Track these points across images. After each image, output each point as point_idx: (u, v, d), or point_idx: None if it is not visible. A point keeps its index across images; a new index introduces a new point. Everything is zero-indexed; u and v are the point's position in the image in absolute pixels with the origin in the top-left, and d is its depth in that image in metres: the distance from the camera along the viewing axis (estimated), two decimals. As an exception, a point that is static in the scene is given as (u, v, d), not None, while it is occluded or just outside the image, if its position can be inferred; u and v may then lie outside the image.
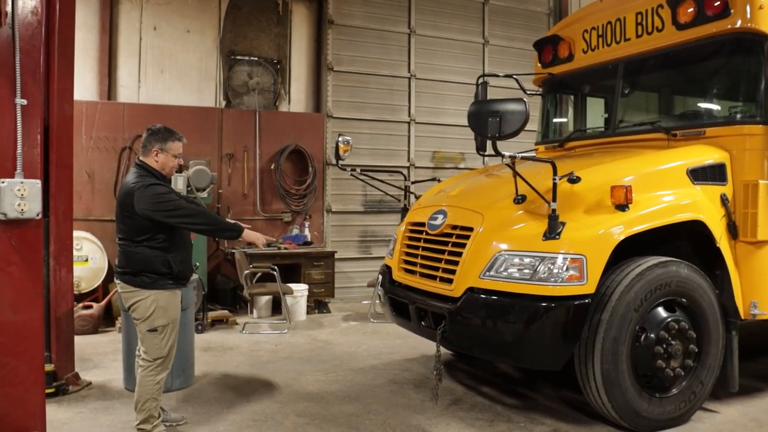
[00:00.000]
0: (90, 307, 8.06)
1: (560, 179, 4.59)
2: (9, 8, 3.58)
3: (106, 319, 8.26)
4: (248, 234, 4.61)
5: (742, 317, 5.05)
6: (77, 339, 6.11)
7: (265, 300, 9.13)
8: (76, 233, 6.82)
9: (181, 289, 4.66)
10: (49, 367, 5.31)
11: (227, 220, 4.72)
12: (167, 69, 9.82)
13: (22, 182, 3.61)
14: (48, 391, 4.99)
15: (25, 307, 3.71)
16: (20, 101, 3.63)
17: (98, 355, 6.85)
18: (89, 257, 8.40)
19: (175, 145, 4.55)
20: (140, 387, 4.47)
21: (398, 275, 5.69)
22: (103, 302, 8.27)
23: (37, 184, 3.69)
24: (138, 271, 4.41)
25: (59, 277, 5.61)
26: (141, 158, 4.54)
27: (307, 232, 10.10)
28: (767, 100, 5.09)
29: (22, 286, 3.70)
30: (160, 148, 4.49)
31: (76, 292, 7.59)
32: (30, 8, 3.67)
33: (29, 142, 3.69)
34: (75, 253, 6.72)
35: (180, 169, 8.68)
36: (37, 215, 3.70)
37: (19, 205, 3.59)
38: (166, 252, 4.43)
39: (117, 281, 4.60)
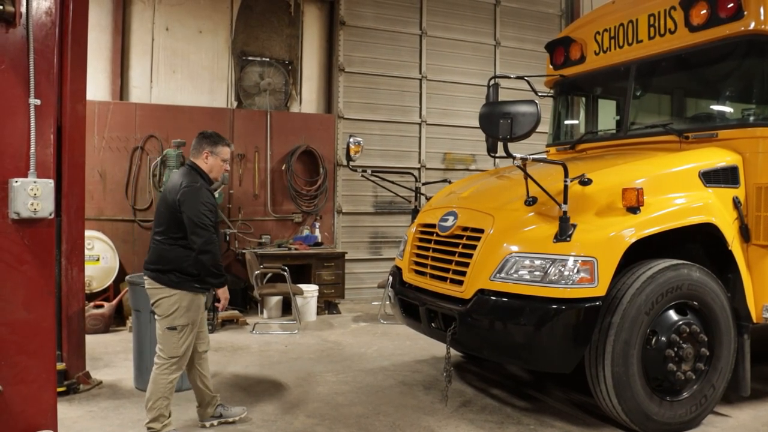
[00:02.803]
0: (101, 306, 8.11)
1: (571, 181, 4.58)
2: (23, 9, 3.60)
3: (117, 319, 8.31)
4: (224, 291, 4.72)
5: (754, 321, 5.03)
6: (88, 338, 6.14)
7: (275, 300, 9.15)
8: (87, 233, 6.85)
9: (205, 294, 4.73)
10: (60, 366, 5.33)
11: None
12: (179, 69, 9.86)
13: (35, 182, 3.63)
14: (59, 389, 5.01)
15: (37, 305, 3.73)
16: (34, 101, 3.65)
17: (109, 354, 6.88)
18: (100, 257, 8.45)
19: (224, 149, 4.75)
20: (153, 385, 4.52)
21: (408, 276, 5.69)
22: (114, 301, 8.31)
23: (50, 183, 3.70)
24: (167, 270, 4.51)
25: (71, 276, 5.64)
26: (191, 159, 4.72)
27: (317, 232, 10.11)
28: (781, 103, 5.07)
29: (35, 285, 3.71)
30: (210, 150, 4.69)
31: (87, 292, 7.63)
32: (44, 9, 3.69)
33: (42, 142, 3.71)
34: (86, 252, 6.75)
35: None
36: (50, 215, 3.72)
37: (32, 204, 3.61)
38: None
39: (144, 277, 4.69)
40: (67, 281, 5.60)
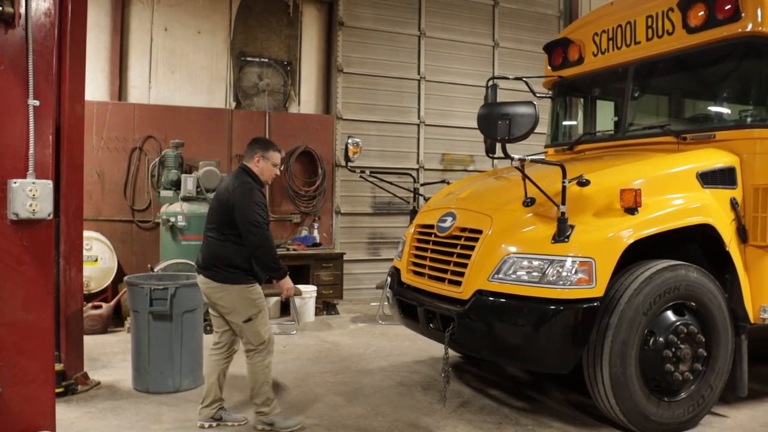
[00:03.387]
0: (99, 307, 8.10)
1: (569, 182, 4.59)
2: (23, 10, 3.60)
3: (115, 319, 8.29)
4: (286, 281, 4.86)
5: (752, 321, 5.04)
6: (86, 339, 6.13)
7: (273, 301, 9.14)
8: (85, 233, 6.85)
9: (261, 284, 4.89)
10: (58, 367, 5.33)
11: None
12: (178, 70, 9.86)
13: (33, 182, 3.63)
14: (57, 390, 5.01)
15: (36, 306, 3.72)
16: (33, 102, 3.65)
17: (107, 355, 6.88)
18: (99, 257, 8.44)
19: (275, 154, 4.95)
20: (252, 375, 4.78)
21: (407, 277, 5.70)
22: (113, 302, 8.30)
23: (49, 184, 3.70)
24: (220, 266, 4.69)
25: (69, 276, 5.64)
26: (244, 162, 4.91)
27: (316, 233, 10.10)
28: (778, 104, 5.08)
29: (34, 285, 3.71)
30: (261, 155, 4.87)
31: (85, 292, 7.63)
32: (43, 10, 3.69)
33: (41, 143, 3.70)
34: (85, 253, 6.75)
35: (190, 170, 8.76)
36: (49, 215, 3.71)
37: (30, 205, 3.61)
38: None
39: (199, 277, 4.86)
40: (65, 282, 5.60)
